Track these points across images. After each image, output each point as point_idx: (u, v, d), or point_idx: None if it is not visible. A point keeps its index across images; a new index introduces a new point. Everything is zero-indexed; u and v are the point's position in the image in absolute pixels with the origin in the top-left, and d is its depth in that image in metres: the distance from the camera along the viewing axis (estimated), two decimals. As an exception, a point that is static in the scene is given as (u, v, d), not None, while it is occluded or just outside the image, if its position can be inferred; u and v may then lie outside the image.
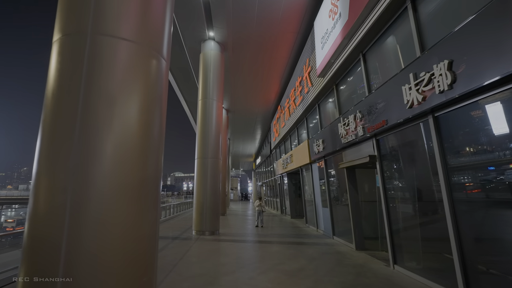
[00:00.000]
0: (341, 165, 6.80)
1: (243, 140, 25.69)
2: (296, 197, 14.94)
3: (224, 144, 16.63)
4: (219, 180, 9.47)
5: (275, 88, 14.40)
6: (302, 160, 10.73)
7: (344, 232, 7.54)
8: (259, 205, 11.04)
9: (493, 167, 3.14)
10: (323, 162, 8.60)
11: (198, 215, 8.98)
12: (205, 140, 9.35)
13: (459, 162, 3.54)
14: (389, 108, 4.61)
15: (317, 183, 9.64)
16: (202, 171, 9.19)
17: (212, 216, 9.02)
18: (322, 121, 8.93)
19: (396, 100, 4.41)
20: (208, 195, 9.06)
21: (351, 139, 6.07)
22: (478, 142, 3.30)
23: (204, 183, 9.10)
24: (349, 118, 6.07)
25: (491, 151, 3.13)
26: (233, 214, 17.00)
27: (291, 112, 12.00)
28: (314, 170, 9.88)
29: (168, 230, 10.01)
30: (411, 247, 4.68)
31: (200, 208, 8.98)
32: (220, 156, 9.69)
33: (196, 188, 9.22)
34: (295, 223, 12.48)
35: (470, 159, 3.40)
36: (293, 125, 12.11)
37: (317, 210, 9.71)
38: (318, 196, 9.60)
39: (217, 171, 9.38)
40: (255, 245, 7.36)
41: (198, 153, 9.38)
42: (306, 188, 11.38)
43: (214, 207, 9.10)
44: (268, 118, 19.20)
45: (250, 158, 36.80)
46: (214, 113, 9.62)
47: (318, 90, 8.27)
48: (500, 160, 3.02)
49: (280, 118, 14.95)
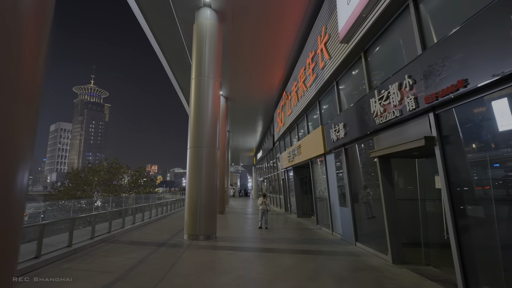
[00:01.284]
0: (374, 154, 5.24)
1: (243, 133, 24.10)
2: (302, 194, 13.43)
3: (223, 135, 15.08)
4: (216, 173, 7.91)
5: (279, 71, 12.78)
6: (313, 151, 9.18)
7: (371, 238, 6.02)
8: (263, 203, 9.51)
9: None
10: (343, 151, 7.04)
11: (190, 216, 7.44)
12: (199, 125, 7.77)
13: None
14: (473, 60, 3.03)
15: (333, 177, 8.09)
16: (196, 163, 7.62)
17: (207, 217, 7.48)
18: (343, 101, 7.34)
19: (488, 46, 2.83)
20: (202, 191, 7.51)
21: (392, 117, 4.51)
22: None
23: (197, 178, 7.54)
24: (391, 89, 4.49)
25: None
26: (233, 212, 15.50)
27: (300, 96, 10.42)
28: (329, 162, 8.33)
29: (156, 232, 8.48)
30: (495, 267, 3.15)
31: (193, 208, 7.43)
32: (218, 145, 8.13)
33: (188, 183, 7.67)
34: (303, 223, 10.97)
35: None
36: (302, 111, 10.52)
37: (333, 210, 8.18)
38: (334, 193, 8.06)
39: (213, 162, 7.82)
40: (262, 255, 5.84)
41: (190, 141, 7.80)
42: (317, 184, 9.84)
43: (210, 206, 7.56)
44: (271, 107, 17.61)
45: (250, 152, 35.26)
46: (211, 93, 8.02)
47: (338, 61, 6.68)
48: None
49: (286, 105, 13.36)
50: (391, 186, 5.29)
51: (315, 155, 9.00)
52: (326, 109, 8.76)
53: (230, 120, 20.51)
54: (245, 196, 43.72)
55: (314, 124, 9.89)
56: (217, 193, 11.20)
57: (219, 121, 8.34)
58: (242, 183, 63.83)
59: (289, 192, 14.95)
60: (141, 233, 8.27)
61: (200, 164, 7.60)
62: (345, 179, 6.97)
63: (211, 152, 7.80)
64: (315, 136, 8.85)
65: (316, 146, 8.79)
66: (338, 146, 7.21)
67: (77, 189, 24.57)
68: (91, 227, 6.72)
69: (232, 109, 17.79)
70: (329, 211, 8.34)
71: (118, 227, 8.33)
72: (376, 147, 5.39)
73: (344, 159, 7.02)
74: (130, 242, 6.96)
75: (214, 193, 7.77)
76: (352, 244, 6.74)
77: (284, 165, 14.65)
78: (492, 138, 3.17)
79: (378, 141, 5.34)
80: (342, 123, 6.61)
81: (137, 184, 28.63)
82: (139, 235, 8.01)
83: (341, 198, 7.61)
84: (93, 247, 6.25)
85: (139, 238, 7.59)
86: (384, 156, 5.24)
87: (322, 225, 9.40)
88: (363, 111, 5.57)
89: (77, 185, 24.52)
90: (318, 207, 9.90)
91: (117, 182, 27.92)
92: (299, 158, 11.17)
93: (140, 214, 10.54)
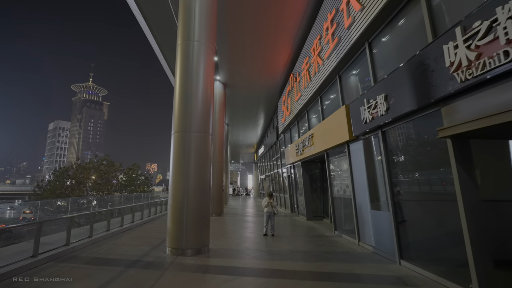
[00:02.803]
0: (448, 131, 3.37)
1: (243, 126, 22.22)
2: (313, 193, 11.58)
3: (221, 125, 13.24)
4: (208, 167, 6.06)
5: (286, 50, 10.90)
6: (332, 139, 7.33)
7: (432, 257, 4.18)
8: (268, 204, 7.66)
9: None
10: (380, 135, 5.19)
11: (174, 224, 5.59)
12: (186, 103, 5.91)
13: None
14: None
15: (360, 171, 6.24)
16: (181, 153, 5.77)
17: (197, 224, 5.63)
18: (379, 67, 5.47)
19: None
20: (190, 190, 5.66)
21: (497, 64, 2.65)
22: None
23: (184, 172, 5.69)
24: (499, 14, 2.63)
25: None
26: (232, 214, 13.67)
27: (313, 74, 8.54)
28: (355, 152, 6.47)
29: (133, 243, 6.63)
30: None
31: (177, 212, 5.58)
32: (212, 131, 6.27)
33: (172, 180, 5.81)
34: (315, 228, 9.12)
35: None
36: (316, 92, 8.65)
37: (360, 214, 6.33)
38: (362, 191, 6.21)
39: (205, 152, 5.97)
40: (273, 284, 3.99)
41: (175, 125, 5.94)
42: (336, 181, 7.99)
43: (200, 209, 5.71)
44: (275, 96, 15.73)
45: (251, 148, 33.38)
46: (202, 61, 6.15)
47: (375, 11, 4.81)
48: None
49: (293, 90, 11.48)
50: (473, 181, 3.44)
51: (335, 144, 7.14)
52: (351, 83, 6.89)
53: (229, 111, 18.64)
54: (245, 195, 41.93)
55: (332, 106, 8.01)
56: (211, 193, 9.46)
57: (213, 100, 6.48)
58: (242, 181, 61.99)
59: (296, 190, 13.11)
60: (113, 245, 6.42)
61: (187, 154, 5.74)
62: (384, 173, 5.12)
63: (202, 138, 5.95)
64: (336, 119, 6.99)
65: (337, 132, 6.93)
66: (373, 129, 5.35)
67: (64, 188, 22.76)
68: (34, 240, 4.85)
69: (231, 97, 15.92)
70: (355, 215, 6.50)
71: (84, 236, 6.50)
72: (448, 121, 3.53)
73: (381, 145, 5.16)
74: (90, 260, 5.10)
75: (207, 193, 5.91)
76: (394, 262, 4.89)
77: (290, 160, 12.80)
78: None
79: (453, 112, 3.47)
80: (382, 94, 4.75)
81: (130, 182, 26.79)
82: (108, 247, 6.16)
83: (374, 198, 5.77)
84: (32, 269, 4.39)
85: (106, 252, 5.74)
86: (463, 135, 3.38)
87: (342, 231, 7.56)
88: (425, 69, 3.70)
89: (64, 183, 22.68)
90: (336, 209, 8.05)
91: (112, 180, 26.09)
92: (310, 150, 9.32)
93: (119, 218, 8.69)
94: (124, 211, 9.01)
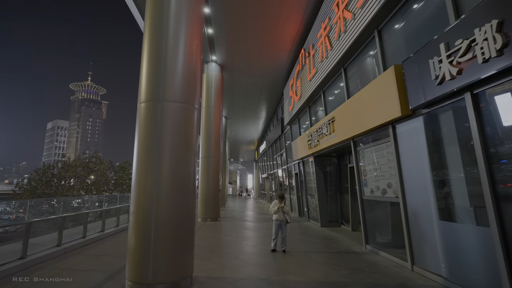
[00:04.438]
0: None
1: (243, 120, 20.18)
2: (329, 193, 9.58)
3: (218, 115, 11.22)
4: (192, 154, 4.02)
5: (295, 19, 8.89)
6: (366, 121, 5.32)
7: None
8: (279, 209, 5.62)
9: None
10: (469, 99, 3.18)
11: (137, 243, 3.57)
12: (158, 56, 3.90)
13: None
14: None
15: (417, 162, 4.23)
16: (149, 132, 3.77)
17: (172, 243, 3.61)
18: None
19: None
20: (163, 190, 3.64)
21: None
22: None
23: (152, 161, 3.68)
24: None
25: None
26: (230, 218, 11.65)
27: (337, 37, 6.50)
28: (406, 135, 4.46)
29: (89, 264, 4.59)
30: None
31: (141, 226, 3.57)
32: (197, 102, 4.24)
33: (134, 175, 3.80)
34: (337, 239, 7.10)
35: None
36: (339, 62, 6.61)
37: (415, 225, 4.32)
38: (419, 192, 4.20)
39: (187, 132, 3.95)
40: None
41: (142, 93, 3.93)
42: (370, 178, 5.96)
43: (179, 219, 3.69)
44: (280, 82, 13.71)
45: (251, 145, 31.33)
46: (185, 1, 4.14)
47: None
48: None
49: (305, 68, 9.46)
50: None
51: (373, 126, 5.13)
52: (400, 35, 4.85)
53: (228, 102, 16.63)
54: (246, 196, 39.94)
55: (365, 77, 5.97)
56: (204, 193, 7.52)
57: (200, 62, 4.44)
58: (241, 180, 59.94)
59: (305, 191, 11.09)
60: (53, 270, 4.39)
61: (159, 134, 3.72)
62: (480, 164, 3.08)
63: (184, 112, 3.93)
64: (374, 91, 4.97)
65: (375, 109, 4.92)
66: (454, 93, 3.32)
67: (48, 187, 20.74)
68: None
69: (229, 84, 13.89)
70: (405, 226, 4.48)
71: (51, 245, 4.56)
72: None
73: (473, 116, 3.14)
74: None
75: (189, 194, 3.88)
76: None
77: (299, 154, 10.80)
78: None
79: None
80: (491, 23, 2.71)
81: (121, 181, 24.74)
82: (46, 273, 4.14)
83: (446, 203, 3.76)
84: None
85: (42, 279, 3.72)
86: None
87: (379, 246, 5.55)
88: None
89: (47, 182, 20.65)
90: (367, 216, 6.04)
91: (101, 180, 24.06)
92: (329, 139, 7.31)
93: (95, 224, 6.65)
94: (95, 216, 6.96)
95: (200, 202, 10.56)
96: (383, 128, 5.02)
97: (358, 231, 8.24)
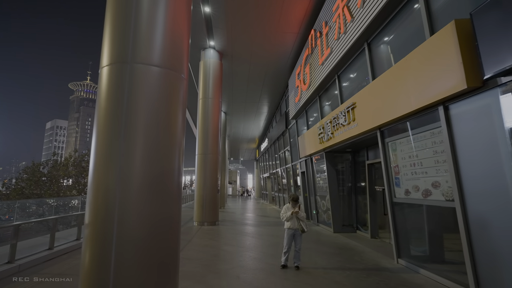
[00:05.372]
0: None
1: (244, 115, 19.00)
2: (342, 194, 8.42)
3: (216, 107, 10.05)
4: (177, 141, 2.85)
5: (302, 4, 7.75)
6: (403, 104, 4.16)
7: None
8: (293, 215, 4.44)
9: None
10: None
11: (90, 272, 2.41)
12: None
13: None
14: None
15: (489, 153, 3.07)
16: (111, 104, 2.60)
17: (147, 275, 2.44)
18: None
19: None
20: (131, 193, 2.47)
21: None
22: None
23: (114, 148, 2.51)
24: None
25: None
26: (230, 222, 10.49)
27: (361, 3, 5.31)
28: (469, 117, 3.30)
29: None
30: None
31: (96, 248, 2.41)
32: (185, 71, 3.08)
33: (91, 170, 2.64)
34: (358, 250, 5.93)
35: None
36: (362, 35, 5.44)
37: (484, 240, 3.15)
38: (490, 194, 3.05)
39: (169, 106, 2.77)
40: None
41: (106, 53, 2.76)
42: (402, 176, 4.78)
43: (155, 241, 2.52)
44: (284, 74, 12.54)
45: (252, 144, 30.14)
46: None
47: None
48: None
49: (315, 52, 8.28)
50: None
51: (414, 109, 3.96)
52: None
53: (228, 96, 15.46)
54: (246, 196, 38.82)
55: (401, 47, 4.78)
56: (200, 195, 6.46)
57: (190, 7, 3.28)
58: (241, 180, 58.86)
59: (314, 191, 9.93)
60: None
61: (125, 110, 2.56)
62: None
63: (165, 79, 2.76)
64: (423, 58, 3.81)
65: (423, 84, 3.76)
66: None
67: (38, 187, 19.57)
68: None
69: (229, 75, 12.72)
70: (466, 240, 3.32)
71: None
72: None
73: None
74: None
75: (172, 200, 2.70)
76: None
77: (307, 150, 9.64)
78: None
79: None
80: None
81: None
82: None
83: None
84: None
85: None
86: None
87: (417, 262, 4.39)
88: None
89: (36, 182, 19.48)
90: (399, 223, 4.87)
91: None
92: (347, 131, 6.16)
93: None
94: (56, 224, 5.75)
95: (196, 205, 9.41)
96: (429, 110, 3.86)
97: (378, 238, 7.11)
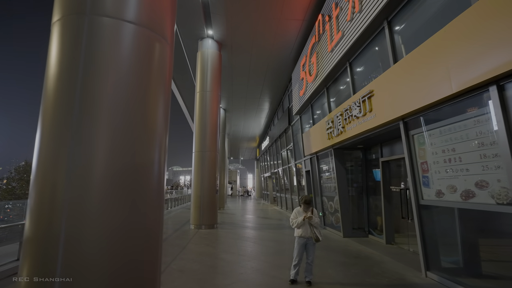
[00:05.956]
0: None
1: (244, 112, 18.25)
2: (349, 195, 7.70)
3: (215, 100, 9.33)
4: (160, 123, 2.12)
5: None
6: (436, 88, 3.43)
7: None
8: (305, 221, 3.70)
9: None
10: None
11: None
12: None
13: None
14: None
15: None
16: (64, 70, 1.86)
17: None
18: None
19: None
20: (92, 196, 1.72)
21: None
22: None
23: (63, 127, 1.77)
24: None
25: None
26: (230, 223, 9.76)
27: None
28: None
29: None
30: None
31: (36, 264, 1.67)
32: (170, 34, 2.35)
33: (35, 164, 1.90)
34: (375, 259, 5.20)
35: None
36: (382, 11, 4.73)
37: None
38: None
39: (148, 77, 2.02)
40: None
41: (59, 6, 2.03)
42: (433, 174, 4.05)
43: (124, 269, 1.79)
44: (287, 67, 11.82)
45: (252, 142, 29.39)
46: None
47: None
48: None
49: (323, 38, 7.55)
50: None
51: (453, 92, 3.24)
52: None
53: (227, 91, 14.73)
54: (246, 196, 38.15)
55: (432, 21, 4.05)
56: (198, 195, 5.77)
57: None
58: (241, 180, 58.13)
59: (320, 191, 9.21)
60: None
61: (81, 78, 1.82)
62: None
63: (141, 41, 2.03)
64: (466, 29, 3.09)
65: (465, 60, 3.04)
66: None
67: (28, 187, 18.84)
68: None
69: (229, 69, 11.99)
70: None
71: None
72: None
73: None
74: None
75: (151, 209, 1.99)
76: None
77: (313, 147, 8.92)
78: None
79: None
80: None
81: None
82: None
83: None
84: None
85: None
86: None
87: (452, 277, 3.67)
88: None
89: (28, 182, 18.77)
90: (427, 229, 4.15)
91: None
92: (363, 123, 5.44)
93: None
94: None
95: (192, 206, 8.68)
96: (475, 92, 3.13)
97: (394, 244, 6.40)
